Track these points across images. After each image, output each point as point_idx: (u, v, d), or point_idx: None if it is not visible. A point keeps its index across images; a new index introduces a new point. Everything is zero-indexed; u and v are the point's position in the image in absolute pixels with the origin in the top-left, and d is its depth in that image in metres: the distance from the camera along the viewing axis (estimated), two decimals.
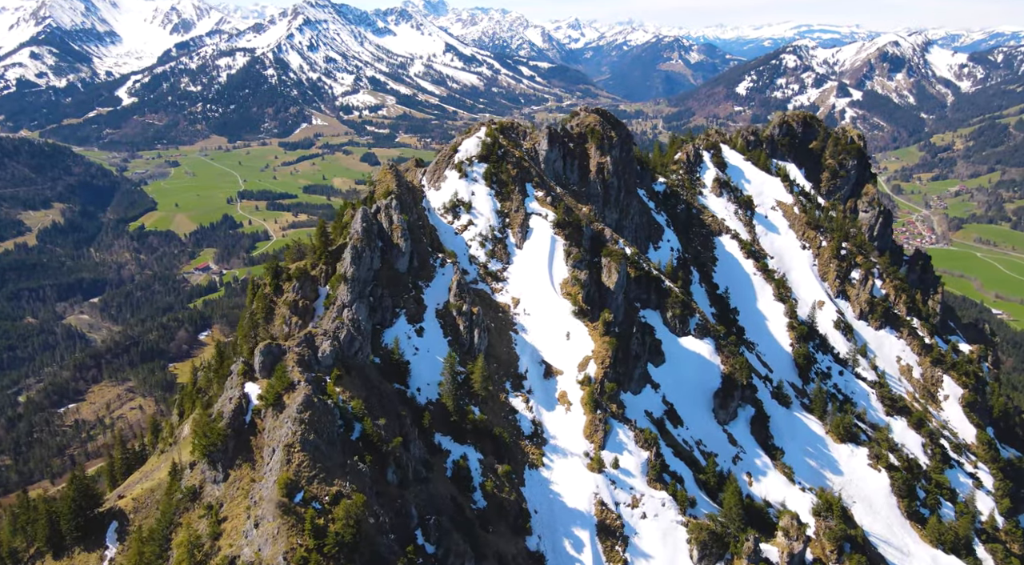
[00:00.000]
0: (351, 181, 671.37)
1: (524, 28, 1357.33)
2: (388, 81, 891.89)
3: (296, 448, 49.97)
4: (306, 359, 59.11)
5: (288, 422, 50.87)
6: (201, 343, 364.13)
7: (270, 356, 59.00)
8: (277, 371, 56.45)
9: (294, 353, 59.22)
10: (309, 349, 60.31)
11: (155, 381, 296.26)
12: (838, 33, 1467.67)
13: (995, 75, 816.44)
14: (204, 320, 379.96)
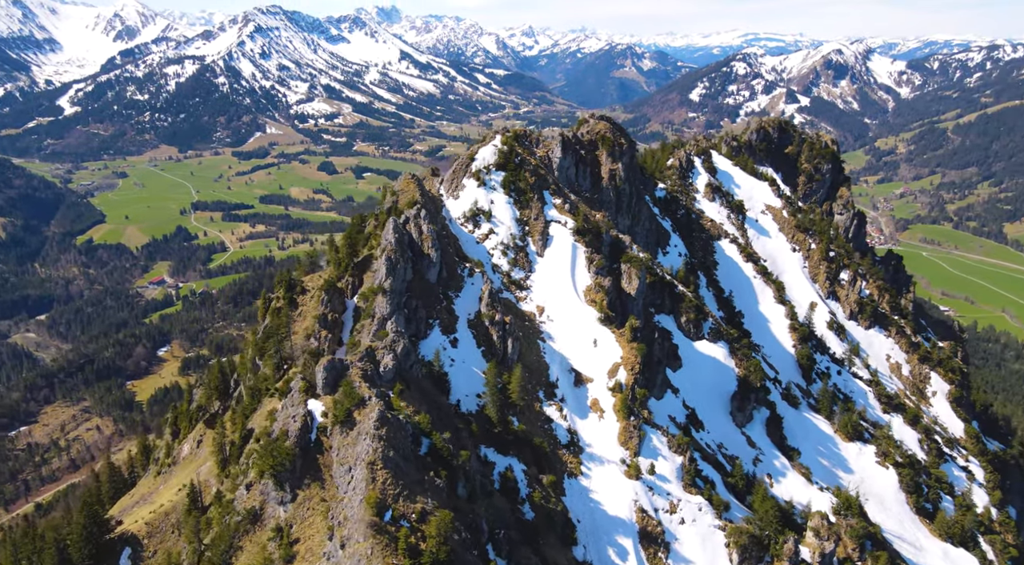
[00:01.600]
0: (309, 191, 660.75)
1: (479, 36, 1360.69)
2: (343, 89, 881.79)
3: (379, 466, 48.38)
4: (369, 374, 57.36)
5: (366, 439, 49.21)
6: (160, 359, 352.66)
7: (333, 372, 57.08)
8: (343, 387, 54.59)
9: (358, 368, 57.40)
10: (371, 364, 58.51)
11: (112, 400, 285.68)
12: (783, 41, 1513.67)
13: (932, 82, 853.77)
14: (163, 335, 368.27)
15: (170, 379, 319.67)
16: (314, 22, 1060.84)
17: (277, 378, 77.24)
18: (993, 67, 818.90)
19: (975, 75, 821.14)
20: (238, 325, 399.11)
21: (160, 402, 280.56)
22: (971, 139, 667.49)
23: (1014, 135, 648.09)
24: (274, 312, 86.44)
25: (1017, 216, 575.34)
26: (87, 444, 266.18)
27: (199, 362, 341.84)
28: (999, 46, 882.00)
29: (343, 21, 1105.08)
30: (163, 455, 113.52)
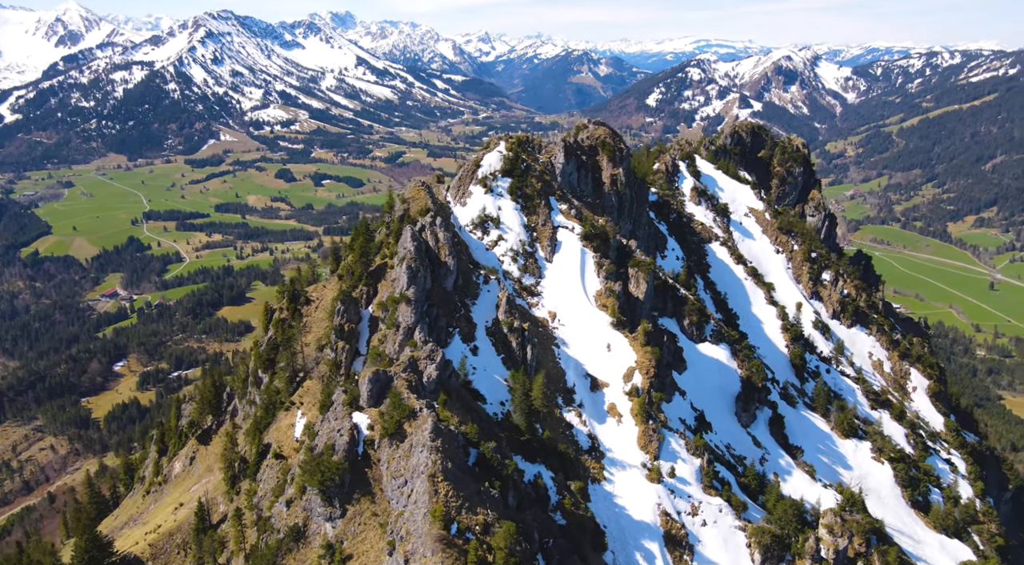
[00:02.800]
0: (267, 199, 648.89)
1: (435, 41, 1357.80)
2: (300, 95, 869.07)
3: (439, 478, 47.30)
4: (414, 385, 56.10)
5: (423, 451, 48.04)
6: (117, 374, 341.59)
7: (378, 384, 55.65)
8: (391, 398, 53.28)
9: (403, 379, 56.05)
10: (415, 374, 57.22)
11: (67, 418, 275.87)
12: (733, 48, 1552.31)
13: (876, 87, 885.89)
14: (118, 350, 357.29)
15: (128, 394, 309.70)
16: (267, 27, 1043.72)
17: (291, 391, 75.21)
18: (932, 73, 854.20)
19: (916, 81, 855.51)
20: (199, 337, 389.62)
21: (119, 419, 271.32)
22: (914, 142, 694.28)
23: (954, 138, 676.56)
24: (278, 323, 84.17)
25: (960, 216, 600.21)
26: (41, 465, 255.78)
27: (159, 376, 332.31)
28: (937, 53, 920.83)
29: (297, 26, 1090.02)
30: (151, 473, 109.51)
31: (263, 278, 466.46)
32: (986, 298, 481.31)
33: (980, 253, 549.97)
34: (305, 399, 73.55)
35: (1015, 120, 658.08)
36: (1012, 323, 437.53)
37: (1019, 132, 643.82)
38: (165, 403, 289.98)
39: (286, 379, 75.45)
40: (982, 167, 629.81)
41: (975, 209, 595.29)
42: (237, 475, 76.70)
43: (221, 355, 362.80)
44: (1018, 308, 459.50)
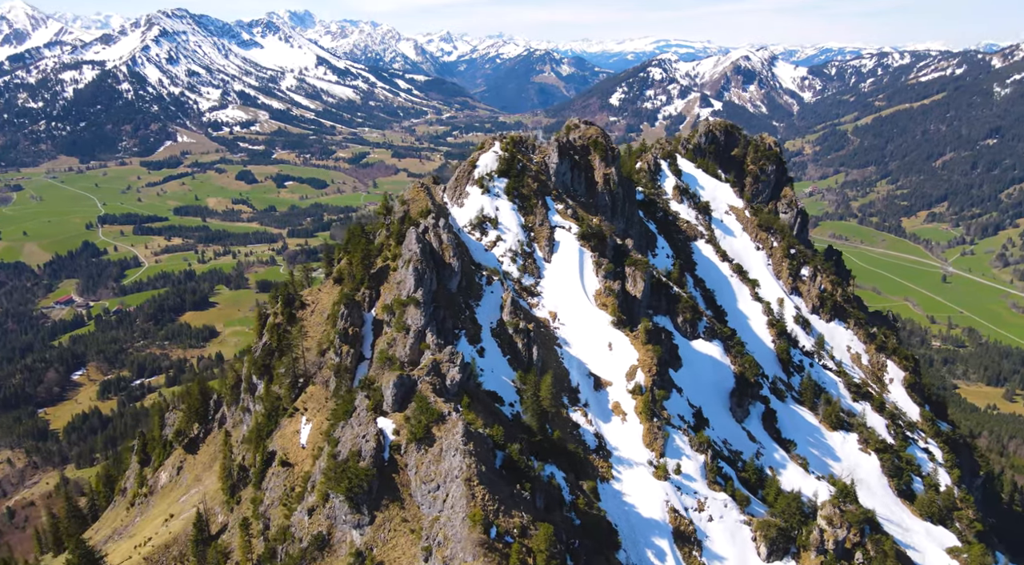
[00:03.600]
0: (228, 201, 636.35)
1: (396, 41, 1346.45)
2: (259, 95, 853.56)
3: (475, 482, 46.71)
4: (438, 388, 55.28)
5: (456, 455, 47.36)
6: (76, 384, 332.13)
7: (402, 388, 54.64)
8: (417, 403, 52.40)
9: (427, 383, 55.16)
10: (438, 377, 56.38)
11: (23, 430, 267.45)
12: (693, 48, 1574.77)
13: (831, 86, 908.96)
14: (76, 358, 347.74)
15: (88, 404, 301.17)
16: (224, 26, 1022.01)
17: (293, 397, 73.62)
18: (884, 73, 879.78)
19: (868, 80, 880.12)
20: (161, 344, 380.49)
21: (79, 429, 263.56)
22: (869, 140, 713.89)
23: (906, 136, 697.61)
24: (273, 328, 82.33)
25: (913, 211, 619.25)
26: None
27: (120, 385, 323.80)
28: (887, 53, 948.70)
29: (255, 25, 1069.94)
30: (135, 485, 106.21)
31: (227, 282, 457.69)
32: (939, 290, 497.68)
33: (933, 247, 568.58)
34: (309, 405, 72.09)
35: (962, 118, 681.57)
36: (964, 314, 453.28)
37: (966, 130, 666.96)
38: (128, 412, 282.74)
39: (287, 385, 73.81)
40: (933, 164, 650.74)
41: (927, 205, 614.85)
42: (237, 484, 74.78)
43: (186, 361, 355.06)
44: (969, 300, 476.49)
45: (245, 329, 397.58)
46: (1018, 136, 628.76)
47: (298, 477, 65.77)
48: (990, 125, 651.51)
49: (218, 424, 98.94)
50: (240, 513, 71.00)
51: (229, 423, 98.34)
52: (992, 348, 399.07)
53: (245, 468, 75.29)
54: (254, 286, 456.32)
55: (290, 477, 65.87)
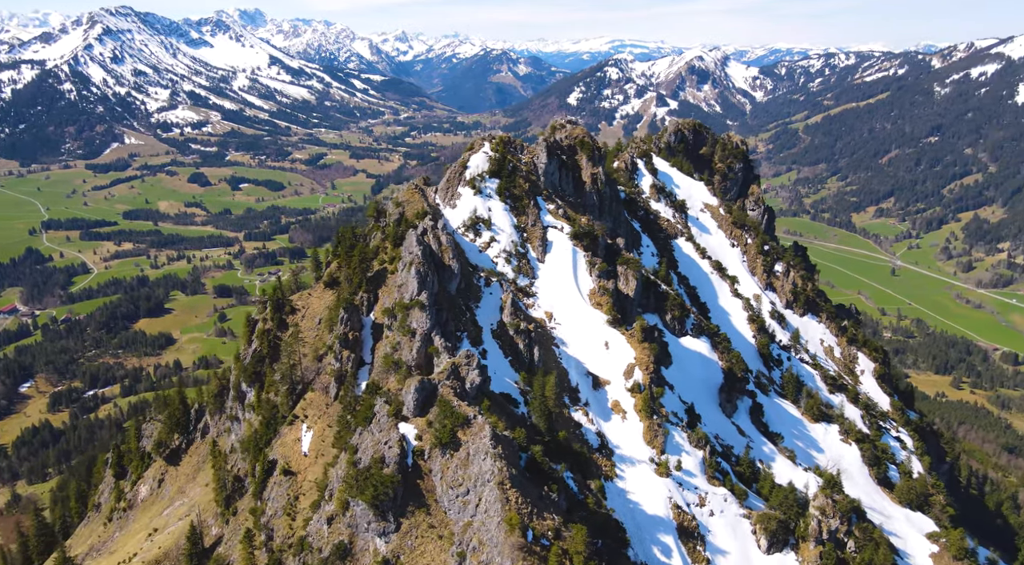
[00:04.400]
0: (180, 204, 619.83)
1: (351, 40, 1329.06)
2: (210, 96, 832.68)
3: (507, 485, 46.11)
4: (458, 392, 54.41)
5: (486, 459, 46.71)
6: (24, 396, 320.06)
7: (423, 393, 53.55)
8: (440, 407, 51.47)
9: (447, 387, 54.21)
10: (458, 381, 55.49)
11: None
12: (647, 48, 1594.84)
13: (781, 86, 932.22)
14: (23, 370, 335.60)
15: (38, 417, 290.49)
16: (171, 25, 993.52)
17: (291, 404, 71.79)
18: (831, 73, 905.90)
19: (817, 80, 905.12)
20: (115, 352, 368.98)
21: (29, 443, 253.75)
22: (819, 138, 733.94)
23: (854, 134, 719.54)
24: (263, 335, 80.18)
25: (862, 207, 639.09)
26: None
27: (72, 396, 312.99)
28: (833, 54, 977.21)
29: (203, 24, 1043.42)
30: (111, 499, 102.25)
31: (182, 288, 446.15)
32: (889, 283, 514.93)
33: (882, 241, 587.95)
34: (309, 412, 70.39)
35: (906, 117, 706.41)
36: (913, 306, 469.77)
37: (910, 128, 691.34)
38: (81, 424, 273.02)
39: (285, 392, 71.90)
40: (879, 161, 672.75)
41: (875, 200, 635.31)
42: (232, 494, 72.56)
43: (142, 370, 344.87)
44: (917, 292, 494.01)
45: (203, 335, 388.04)
46: (958, 134, 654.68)
47: (302, 486, 64.20)
48: (932, 123, 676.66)
49: (201, 434, 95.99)
50: (238, 524, 68.93)
51: (213, 432, 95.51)
52: (939, 338, 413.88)
53: (240, 478, 73.13)
54: (211, 291, 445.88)
55: (293, 486, 64.26)
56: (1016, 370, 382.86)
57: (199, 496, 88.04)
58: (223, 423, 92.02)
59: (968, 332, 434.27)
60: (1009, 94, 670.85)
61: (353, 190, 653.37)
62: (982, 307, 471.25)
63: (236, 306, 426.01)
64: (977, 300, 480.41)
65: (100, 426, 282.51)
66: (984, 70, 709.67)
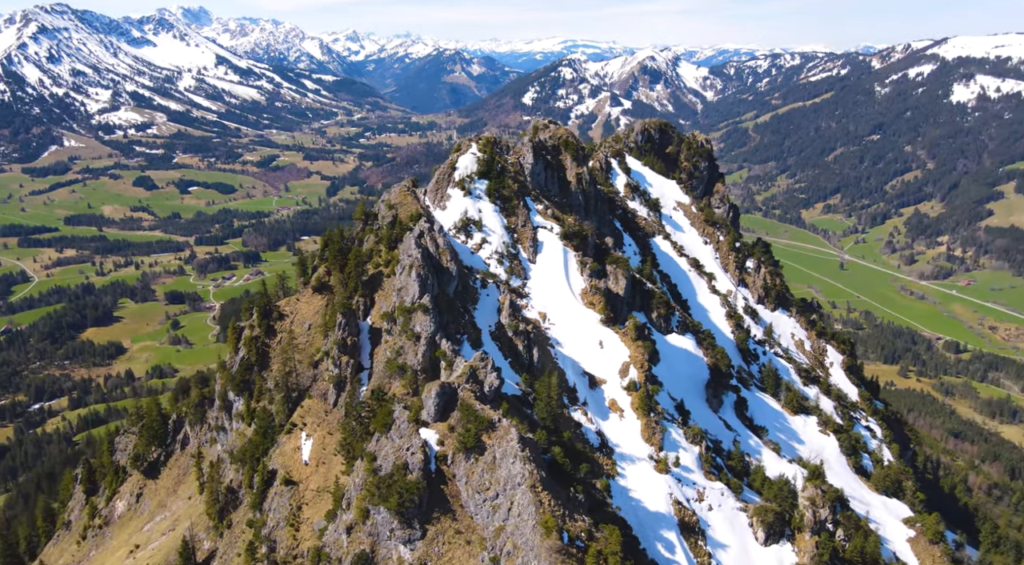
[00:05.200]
0: (126, 209, 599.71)
1: (301, 40, 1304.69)
2: (155, 97, 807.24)
3: (539, 488, 45.45)
4: (478, 396, 53.51)
5: (515, 462, 46.05)
6: None
7: (443, 397, 52.48)
8: (462, 412, 50.56)
9: (467, 391, 53.24)
10: (477, 385, 54.54)
11: None
12: (599, 48, 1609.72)
13: (730, 86, 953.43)
14: None
15: None
16: (111, 23, 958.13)
17: (288, 412, 69.78)
18: (778, 73, 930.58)
19: (764, 80, 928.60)
20: (61, 363, 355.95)
21: None
22: (768, 137, 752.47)
23: (801, 133, 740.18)
24: (250, 342, 77.80)
25: (810, 203, 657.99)
26: None
27: (16, 410, 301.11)
28: (779, 55, 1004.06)
29: (146, 22, 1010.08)
30: (85, 516, 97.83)
31: (132, 295, 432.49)
32: (838, 277, 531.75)
33: (830, 236, 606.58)
34: (308, 419, 68.54)
35: (849, 116, 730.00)
36: (861, 298, 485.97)
37: (853, 126, 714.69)
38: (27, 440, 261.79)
39: (280, 400, 69.81)
40: (826, 158, 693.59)
41: (823, 197, 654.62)
42: (225, 507, 70.14)
43: (91, 381, 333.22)
44: (865, 285, 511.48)
45: (156, 344, 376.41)
46: (898, 132, 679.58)
47: (304, 495, 62.48)
48: (874, 122, 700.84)
49: (180, 446, 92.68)
50: (233, 537, 66.68)
51: (194, 443, 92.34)
52: (886, 329, 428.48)
53: (234, 490, 70.78)
54: (162, 298, 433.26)
55: (295, 496, 62.49)
56: (958, 358, 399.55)
57: (183, 509, 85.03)
58: (204, 434, 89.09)
59: (913, 323, 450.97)
60: (944, 94, 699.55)
61: (308, 192, 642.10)
62: (925, 298, 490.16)
63: (190, 313, 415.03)
64: (920, 291, 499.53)
65: (48, 440, 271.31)
66: (921, 70, 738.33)
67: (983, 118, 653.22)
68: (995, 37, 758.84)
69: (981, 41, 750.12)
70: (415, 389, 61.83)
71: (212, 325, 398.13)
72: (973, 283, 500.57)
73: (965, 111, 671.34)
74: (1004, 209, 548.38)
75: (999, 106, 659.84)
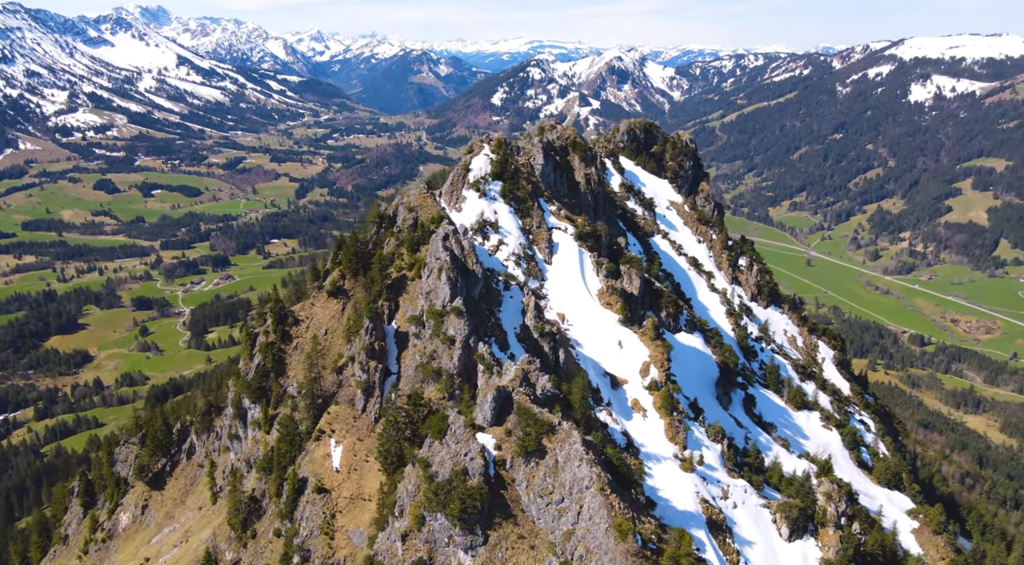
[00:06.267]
0: (87, 213, 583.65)
1: (264, 40, 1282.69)
2: (114, 98, 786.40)
3: (607, 491, 44.76)
4: (533, 399, 52.58)
5: (580, 465, 45.43)
6: None
7: (499, 401, 51.39)
8: (520, 415, 49.65)
9: (522, 394, 52.23)
10: (529, 388, 53.59)
11: None
12: (565, 48, 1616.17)
13: (696, 86, 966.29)
14: None
15: None
16: (67, 23, 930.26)
17: (314, 418, 67.97)
18: (742, 74, 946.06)
19: (729, 80, 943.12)
20: (25, 373, 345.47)
21: None
22: (734, 136, 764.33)
23: (767, 132, 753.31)
24: (266, 348, 75.71)
25: (777, 201, 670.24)
26: None
27: None
28: (743, 55, 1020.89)
29: (103, 22, 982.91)
30: (86, 530, 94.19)
31: (96, 301, 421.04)
32: (805, 273, 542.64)
33: (797, 234, 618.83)
34: (336, 426, 66.79)
35: (812, 115, 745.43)
36: (829, 294, 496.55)
37: (816, 125, 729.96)
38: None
39: (306, 406, 67.96)
40: (791, 157, 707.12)
41: (789, 195, 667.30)
42: (249, 517, 68.00)
43: (57, 391, 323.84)
44: (831, 281, 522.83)
45: (124, 351, 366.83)
46: (859, 131, 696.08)
47: (337, 503, 60.87)
48: (836, 121, 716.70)
49: (186, 455, 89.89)
50: (259, 547, 64.75)
51: (200, 453, 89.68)
52: (854, 323, 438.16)
53: (257, 498, 68.71)
54: (129, 304, 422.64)
55: (328, 504, 60.84)
56: (923, 351, 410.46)
57: (193, 520, 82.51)
58: (212, 442, 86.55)
59: (879, 317, 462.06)
60: (903, 93, 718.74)
61: (276, 194, 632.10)
62: (889, 293, 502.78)
63: (159, 319, 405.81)
64: (885, 286, 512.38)
65: (15, 453, 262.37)
66: (880, 71, 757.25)
67: (940, 117, 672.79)
68: (949, 38, 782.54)
69: (936, 42, 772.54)
70: (451, 393, 60.84)
71: (183, 331, 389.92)
72: (935, 277, 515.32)
73: (923, 110, 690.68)
74: (962, 205, 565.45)
75: (955, 105, 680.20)
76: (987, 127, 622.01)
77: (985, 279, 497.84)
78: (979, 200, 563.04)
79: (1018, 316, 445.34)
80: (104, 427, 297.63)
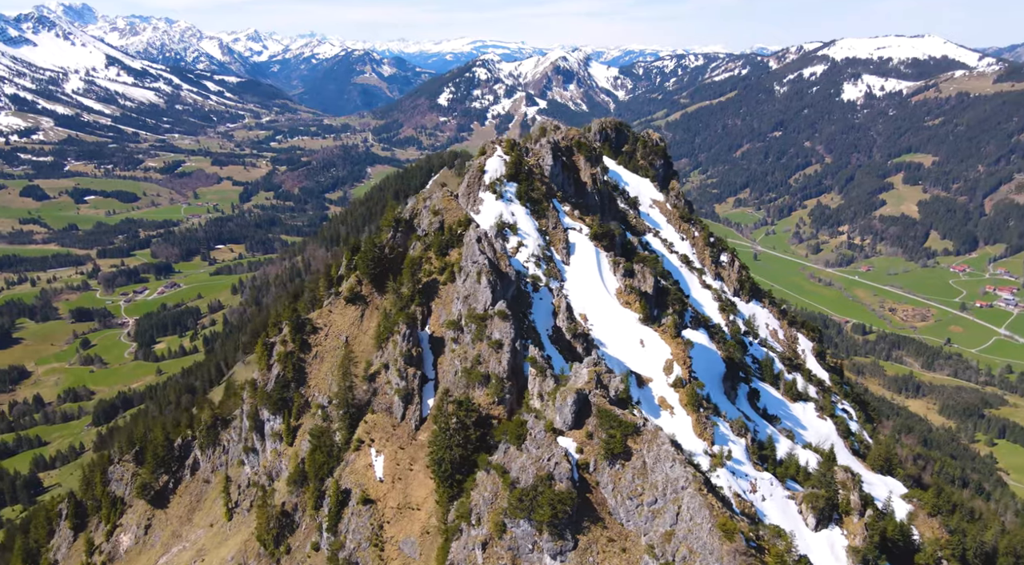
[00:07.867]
0: (14, 221, 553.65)
1: (198, 39, 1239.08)
2: (38, 100, 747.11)
3: (704, 490, 43.95)
4: (610, 401, 51.37)
5: (673, 466, 44.74)
6: None
7: (579, 404, 49.99)
8: (601, 418, 48.55)
9: (600, 397, 50.93)
10: (603, 389, 52.33)
11: None
12: (508, 49, 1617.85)
13: (640, 86, 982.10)
14: None
15: None
16: None
17: (351, 427, 65.13)
18: (684, 73, 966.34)
19: (672, 80, 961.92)
20: None
21: None
22: (679, 135, 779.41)
23: (710, 131, 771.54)
24: (284, 357, 72.36)
25: (723, 198, 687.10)
26: None
27: None
28: (683, 55, 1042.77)
29: (23, 20, 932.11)
30: (82, 553, 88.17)
31: (31, 314, 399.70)
32: (754, 268, 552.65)
33: (743, 229, 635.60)
34: (374, 435, 64.11)
35: (753, 113, 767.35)
36: (777, 288, 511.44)
37: (757, 124, 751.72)
38: None
39: (342, 416, 65.08)
40: (734, 155, 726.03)
41: (733, 191, 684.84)
42: (282, 533, 64.71)
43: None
44: (779, 274, 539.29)
45: (64, 365, 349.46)
46: (797, 129, 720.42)
47: (384, 513, 58.44)
48: (775, 119, 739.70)
49: (190, 471, 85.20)
50: (295, 562, 61.69)
51: (205, 468, 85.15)
52: (801, 315, 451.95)
53: (288, 512, 65.43)
54: (67, 316, 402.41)
55: (375, 514, 58.35)
56: (865, 340, 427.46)
57: (206, 538, 78.31)
58: (219, 456, 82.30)
59: (823, 308, 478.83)
60: (836, 92, 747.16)
61: (219, 199, 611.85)
62: (831, 285, 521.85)
63: (100, 330, 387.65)
64: (827, 278, 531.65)
65: None
66: (814, 70, 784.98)
67: (871, 115, 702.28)
68: (877, 39, 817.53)
69: (865, 43, 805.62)
70: (501, 398, 59.22)
71: (128, 342, 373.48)
72: (872, 269, 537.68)
73: (855, 108, 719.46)
74: (894, 199, 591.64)
75: (884, 103, 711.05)
76: (914, 124, 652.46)
77: (919, 269, 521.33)
78: (910, 194, 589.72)
79: (949, 304, 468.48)
80: (48, 446, 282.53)
